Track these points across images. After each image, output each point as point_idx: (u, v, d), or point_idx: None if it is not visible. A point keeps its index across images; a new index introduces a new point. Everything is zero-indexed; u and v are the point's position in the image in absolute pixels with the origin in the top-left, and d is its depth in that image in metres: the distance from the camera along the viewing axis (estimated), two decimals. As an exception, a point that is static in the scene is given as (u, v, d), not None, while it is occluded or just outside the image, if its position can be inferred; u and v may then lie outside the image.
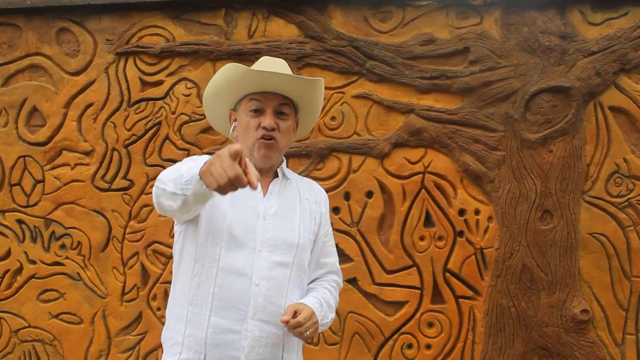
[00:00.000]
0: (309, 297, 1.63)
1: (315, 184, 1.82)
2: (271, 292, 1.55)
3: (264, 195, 1.63)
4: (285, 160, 1.74)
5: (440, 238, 2.76)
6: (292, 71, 1.69)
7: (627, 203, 2.70)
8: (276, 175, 1.70)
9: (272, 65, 1.63)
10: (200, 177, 1.28)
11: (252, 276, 1.53)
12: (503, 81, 2.75)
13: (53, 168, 2.92)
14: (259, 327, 1.52)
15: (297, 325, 1.49)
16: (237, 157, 1.19)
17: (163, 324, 1.74)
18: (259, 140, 1.59)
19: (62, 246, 2.91)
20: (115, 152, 2.89)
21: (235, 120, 1.69)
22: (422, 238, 2.77)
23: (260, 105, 1.61)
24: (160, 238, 2.83)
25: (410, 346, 2.76)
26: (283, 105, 1.64)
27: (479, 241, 2.75)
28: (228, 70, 1.62)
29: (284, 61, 1.69)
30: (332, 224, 2.76)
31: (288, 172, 1.73)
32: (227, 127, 1.75)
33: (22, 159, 2.94)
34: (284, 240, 1.60)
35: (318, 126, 2.82)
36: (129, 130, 2.89)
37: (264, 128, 1.58)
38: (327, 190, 2.76)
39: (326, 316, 1.63)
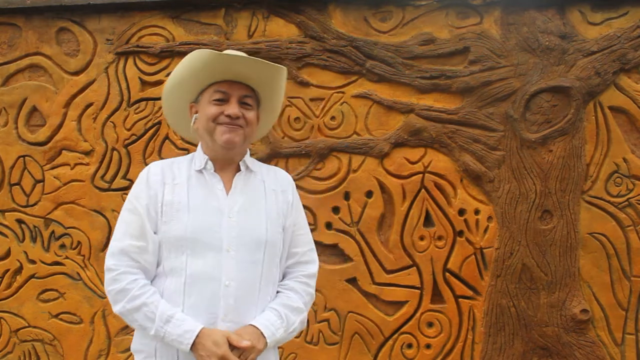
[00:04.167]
0: (266, 312, 1.57)
1: (280, 171, 1.76)
2: (242, 292, 1.52)
3: (228, 192, 1.60)
4: (249, 152, 1.70)
5: (440, 238, 2.76)
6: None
7: (627, 203, 2.70)
8: (239, 169, 1.65)
9: (235, 55, 1.61)
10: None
11: (221, 278, 1.51)
12: (503, 81, 2.75)
13: (53, 168, 2.92)
14: (231, 328, 1.49)
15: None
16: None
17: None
18: (221, 126, 1.56)
19: (62, 246, 2.91)
20: (115, 152, 2.89)
21: (197, 112, 1.64)
22: (422, 238, 2.77)
23: (225, 95, 1.58)
24: (160, 238, 2.83)
25: (410, 346, 2.76)
26: (247, 97, 1.61)
27: (479, 241, 2.75)
28: (192, 57, 1.59)
29: (245, 54, 1.67)
30: (330, 223, 2.78)
31: (252, 163, 1.68)
32: (185, 122, 1.70)
33: (21, 158, 2.94)
34: (251, 237, 1.56)
35: (318, 126, 2.82)
36: (128, 130, 2.89)
37: (228, 116, 1.56)
38: (327, 190, 2.80)
39: (291, 324, 1.58)
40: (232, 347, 1.45)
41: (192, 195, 1.57)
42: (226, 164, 1.63)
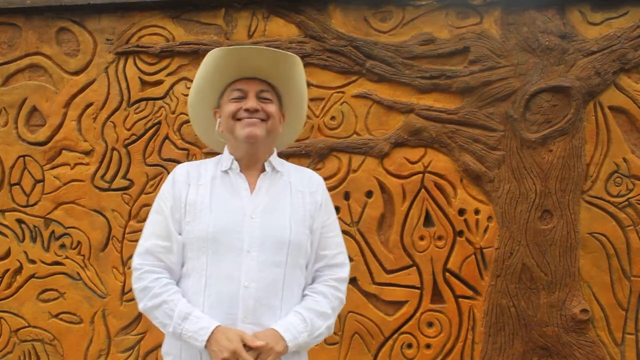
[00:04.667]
0: (290, 315, 1.54)
1: (309, 172, 1.74)
2: (262, 294, 1.50)
3: (252, 192, 1.59)
4: (275, 152, 1.69)
5: (440, 238, 2.76)
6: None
7: (626, 203, 2.71)
8: (264, 169, 1.64)
9: (245, 46, 1.62)
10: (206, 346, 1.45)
11: (240, 278, 1.50)
12: (503, 81, 2.75)
13: (53, 168, 2.92)
14: (251, 330, 1.48)
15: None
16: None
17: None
18: (241, 121, 1.57)
19: (62, 246, 2.91)
20: (115, 152, 2.89)
21: (220, 117, 1.65)
22: (421, 238, 2.77)
23: (242, 92, 1.60)
24: (160, 238, 2.83)
25: (410, 346, 2.76)
26: (264, 91, 1.62)
27: (479, 241, 2.75)
28: (206, 60, 1.61)
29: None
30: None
31: (278, 163, 1.67)
32: (213, 131, 1.70)
33: (21, 158, 2.94)
34: (274, 238, 1.54)
35: (318, 126, 2.82)
36: (128, 130, 2.90)
37: (247, 110, 1.57)
38: (327, 190, 2.79)
39: (316, 328, 1.55)
40: (248, 348, 1.44)
41: (215, 196, 1.58)
42: (252, 163, 1.63)
